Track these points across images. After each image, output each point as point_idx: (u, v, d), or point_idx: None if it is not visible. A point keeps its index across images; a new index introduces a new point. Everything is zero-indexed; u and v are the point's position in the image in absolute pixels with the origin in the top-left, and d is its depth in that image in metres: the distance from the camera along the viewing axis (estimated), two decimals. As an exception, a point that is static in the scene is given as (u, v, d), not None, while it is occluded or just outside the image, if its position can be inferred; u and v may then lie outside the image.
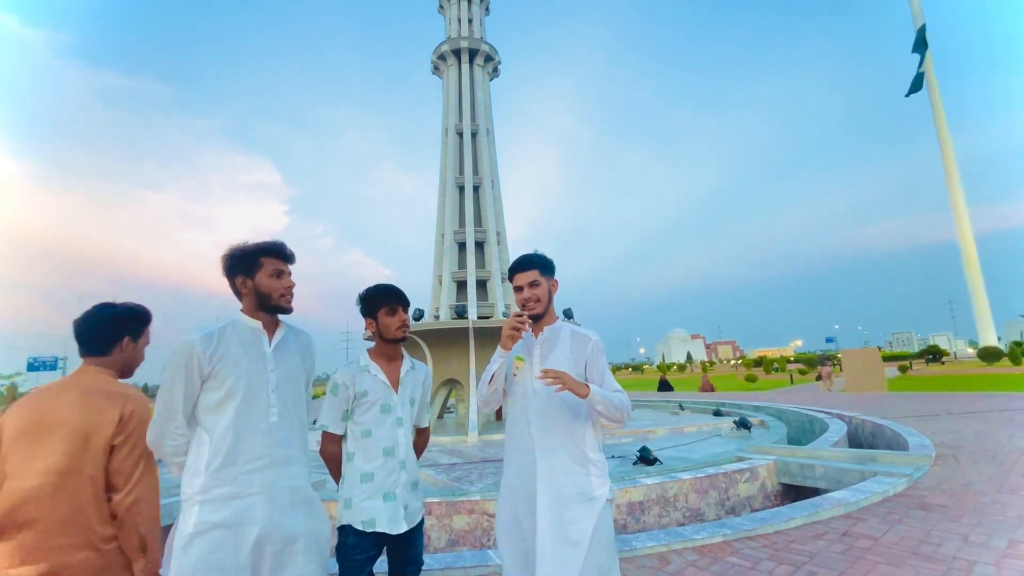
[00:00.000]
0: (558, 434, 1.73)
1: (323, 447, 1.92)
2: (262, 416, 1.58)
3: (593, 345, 1.80)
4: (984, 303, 39.48)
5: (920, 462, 5.13)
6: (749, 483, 5.46)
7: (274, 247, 1.71)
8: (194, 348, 1.53)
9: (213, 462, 1.50)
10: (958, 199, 41.31)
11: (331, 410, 1.89)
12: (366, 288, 2.01)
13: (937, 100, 42.51)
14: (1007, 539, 3.10)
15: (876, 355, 17.91)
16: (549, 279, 1.87)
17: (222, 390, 1.55)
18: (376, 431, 1.85)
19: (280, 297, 1.69)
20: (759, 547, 3.24)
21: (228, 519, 1.47)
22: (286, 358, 1.71)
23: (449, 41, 17.79)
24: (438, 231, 16.57)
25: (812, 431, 9.21)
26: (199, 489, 1.49)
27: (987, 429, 7.17)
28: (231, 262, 1.68)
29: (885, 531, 3.36)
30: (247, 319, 1.68)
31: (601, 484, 1.71)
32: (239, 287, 1.68)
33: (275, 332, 1.72)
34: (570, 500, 1.66)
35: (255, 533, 1.49)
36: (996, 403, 10.36)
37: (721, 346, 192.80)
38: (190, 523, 1.46)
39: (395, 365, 1.99)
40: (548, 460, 1.71)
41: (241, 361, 1.59)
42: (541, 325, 1.87)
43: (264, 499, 1.53)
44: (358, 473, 1.82)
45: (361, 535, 1.76)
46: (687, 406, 13.76)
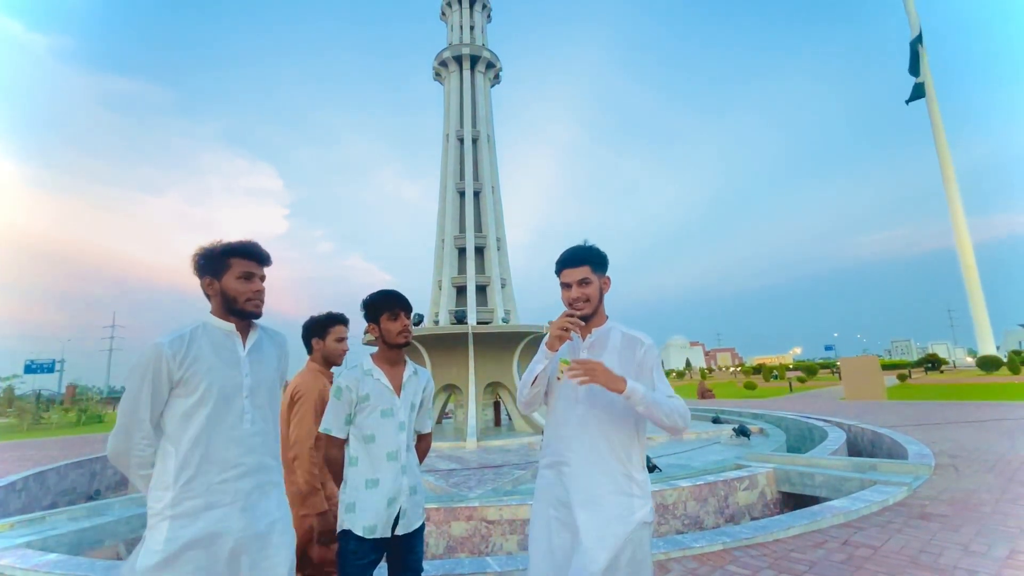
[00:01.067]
0: (601, 448, 1.60)
1: (326, 451, 1.92)
2: (235, 423, 1.51)
3: (646, 349, 1.65)
4: (983, 312, 39.52)
5: (920, 471, 5.12)
6: (748, 491, 5.44)
7: (244, 247, 1.60)
8: (162, 352, 1.43)
9: (183, 473, 1.42)
10: (957, 208, 41.48)
11: (333, 414, 1.88)
12: (370, 294, 2.01)
13: (935, 110, 42.81)
14: (1008, 549, 3.09)
15: (875, 363, 17.88)
16: (601, 276, 1.71)
17: (193, 397, 1.46)
18: (378, 435, 1.85)
19: (247, 301, 1.58)
20: (758, 555, 3.23)
21: (200, 534, 1.39)
22: (260, 360, 1.63)
23: (451, 48, 17.93)
24: (438, 236, 16.61)
25: (811, 439, 9.19)
26: (168, 503, 1.39)
27: (987, 438, 7.16)
28: (200, 262, 1.58)
29: (885, 540, 3.35)
30: (218, 321, 1.59)
31: (643, 505, 1.57)
32: (206, 289, 1.59)
33: (248, 334, 1.64)
34: (610, 520, 1.53)
35: (229, 546, 1.43)
36: (995, 412, 10.35)
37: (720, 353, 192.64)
38: (159, 541, 1.37)
39: (398, 370, 1.99)
40: (585, 476, 1.58)
41: (214, 366, 1.51)
42: (590, 327, 1.73)
43: (238, 509, 1.46)
44: (363, 479, 1.81)
45: (362, 541, 1.76)
46: (686, 413, 13.69)
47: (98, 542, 4.75)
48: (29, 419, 21.23)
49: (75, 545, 4.44)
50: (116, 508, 5.48)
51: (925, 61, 42.98)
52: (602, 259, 1.71)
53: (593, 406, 1.62)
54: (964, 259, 40.70)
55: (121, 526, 4.96)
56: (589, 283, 1.66)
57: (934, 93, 43.02)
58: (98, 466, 9.87)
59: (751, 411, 13.10)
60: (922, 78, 42.63)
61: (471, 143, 17.01)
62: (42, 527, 4.64)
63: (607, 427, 1.61)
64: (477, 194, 16.93)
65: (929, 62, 43.34)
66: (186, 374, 1.47)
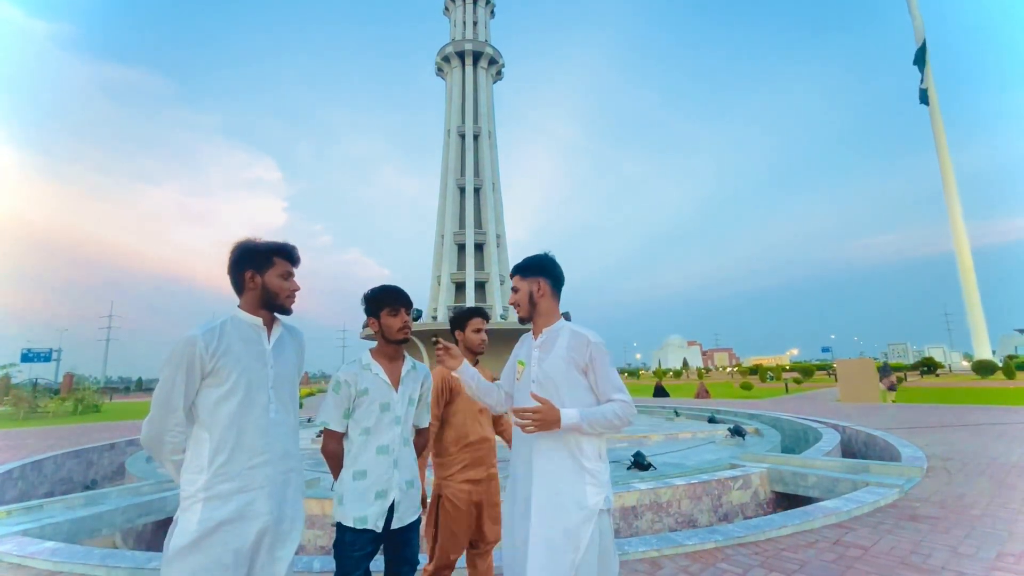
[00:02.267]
0: (556, 443, 1.70)
1: (324, 445, 1.94)
2: (262, 412, 1.60)
3: (593, 347, 1.73)
4: (979, 316, 39.70)
5: (912, 473, 5.17)
6: (742, 490, 5.48)
7: (288, 248, 1.72)
8: (196, 344, 1.51)
9: (217, 458, 1.51)
10: (956, 212, 41.59)
11: (333, 408, 1.91)
12: (371, 288, 2.04)
13: (937, 115, 42.85)
14: (996, 551, 3.13)
15: (871, 366, 17.96)
16: (531, 280, 1.84)
17: (224, 387, 1.54)
18: (374, 429, 1.88)
19: (286, 298, 1.70)
20: (750, 554, 3.26)
21: (231, 514, 1.48)
22: (283, 355, 1.73)
23: (453, 43, 17.85)
24: (438, 232, 16.60)
25: (806, 440, 9.24)
26: (202, 486, 1.48)
27: (980, 442, 7.22)
28: (243, 255, 1.67)
29: (875, 541, 3.39)
30: (247, 315, 1.67)
31: (596, 493, 1.66)
32: (246, 281, 1.66)
33: (273, 329, 1.73)
34: (565, 508, 1.63)
35: (257, 527, 1.52)
36: (989, 416, 10.42)
37: (717, 353, 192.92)
38: (192, 521, 1.45)
39: (396, 365, 2.02)
40: (544, 467, 1.69)
41: (243, 358, 1.59)
42: (539, 326, 1.84)
43: (266, 494, 1.55)
44: (351, 471, 1.85)
45: (357, 532, 1.78)
46: (682, 412, 13.76)
47: (95, 531, 4.78)
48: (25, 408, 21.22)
49: (72, 534, 4.47)
50: (113, 497, 5.50)
51: (929, 69, 42.97)
52: (531, 266, 1.86)
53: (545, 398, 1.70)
54: (962, 263, 40.84)
55: (118, 516, 4.98)
56: (517, 290, 1.87)
57: (936, 98, 43.06)
58: (95, 456, 9.90)
59: (747, 411, 13.16)
60: (926, 83, 42.66)
61: (472, 139, 16.99)
62: (39, 515, 4.67)
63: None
64: (477, 190, 16.93)
65: (932, 67, 43.32)
66: (217, 365, 1.55)
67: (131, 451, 10.52)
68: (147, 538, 5.86)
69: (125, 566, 3.23)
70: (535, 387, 1.76)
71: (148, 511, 5.30)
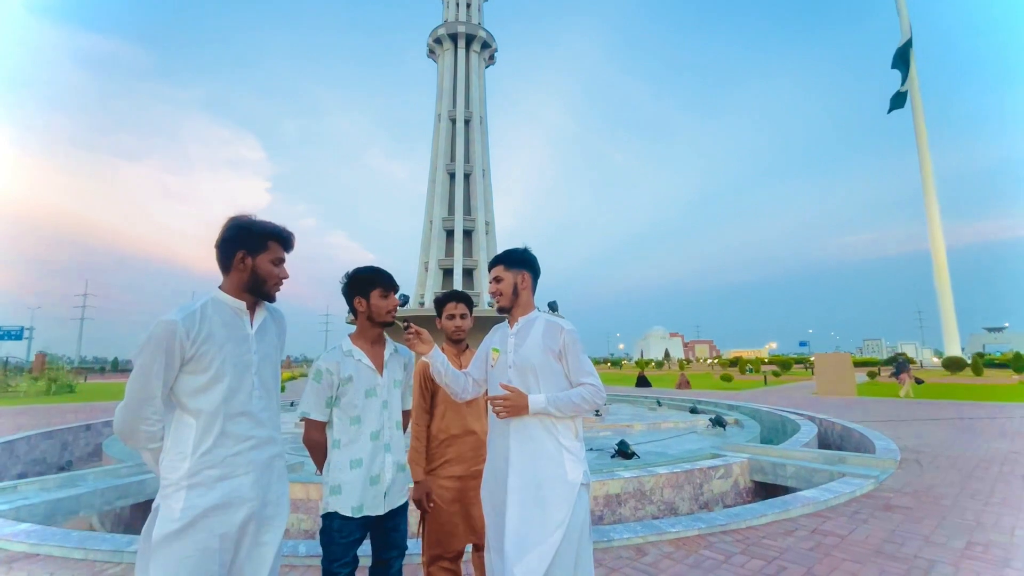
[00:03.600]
0: (533, 423, 1.75)
1: (306, 434, 1.90)
2: (247, 398, 1.54)
3: (566, 335, 1.82)
4: (951, 315, 41.00)
5: (886, 465, 5.33)
6: (723, 479, 5.60)
7: (284, 233, 1.65)
8: (176, 330, 1.43)
9: (202, 444, 1.45)
10: (934, 213, 42.63)
11: (314, 397, 1.86)
12: (360, 267, 1.98)
13: (920, 116, 43.60)
14: (965, 540, 3.26)
15: (848, 361, 18.45)
16: (516, 272, 1.90)
17: (207, 374, 1.48)
18: (364, 416, 1.85)
19: (273, 286, 1.63)
20: (732, 542, 3.34)
21: (217, 501, 1.44)
22: (265, 338, 1.66)
23: (446, 25, 17.47)
24: (426, 217, 16.42)
25: (784, 431, 9.47)
26: (186, 473, 1.43)
27: (949, 436, 7.49)
28: (236, 233, 1.57)
29: (852, 530, 3.50)
30: (229, 298, 1.59)
31: (575, 468, 1.73)
32: (235, 262, 1.57)
33: (256, 313, 1.66)
34: (542, 483, 1.68)
35: (243, 513, 1.48)
36: (958, 411, 10.81)
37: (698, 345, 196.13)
38: (176, 509, 1.40)
39: (378, 349, 1.99)
40: (521, 447, 1.74)
41: (225, 344, 1.52)
42: (516, 316, 1.92)
43: (252, 479, 1.51)
44: (348, 459, 1.81)
45: (347, 520, 1.77)
46: (664, 402, 14.00)
47: (72, 513, 4.68)
48: (-4, 386, 20.62)
49: (48, 516, 4.37)
50: (90, 479, 5.39)
51: (913, 67, 43.59)
52: (515, 258, 1.93)
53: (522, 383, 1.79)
54: (937, 263, 42.02)
55: (96, 498, 4.89)
56: (501, 280, 1.90)
57: (920, 99, 43.78)
58: (70, 436, 9.68)
59: (727, 402, 13.43)
60: (905, 87, 43.27)
61: (463, 124, 16.75)
62: (13, 497, 4.55)
63: None
64: (468, 176, 16.74)
65: (917, 68, 43.97)
66: (199, 351, 1.47)
67: (108, 432, 10.32)
68: (125, 520, 5.77)
69: (104, 549, 3.17)
70: (512, 372, 1.81)
71: (126, 494, 5.20)
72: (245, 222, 1.60)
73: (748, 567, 2.93)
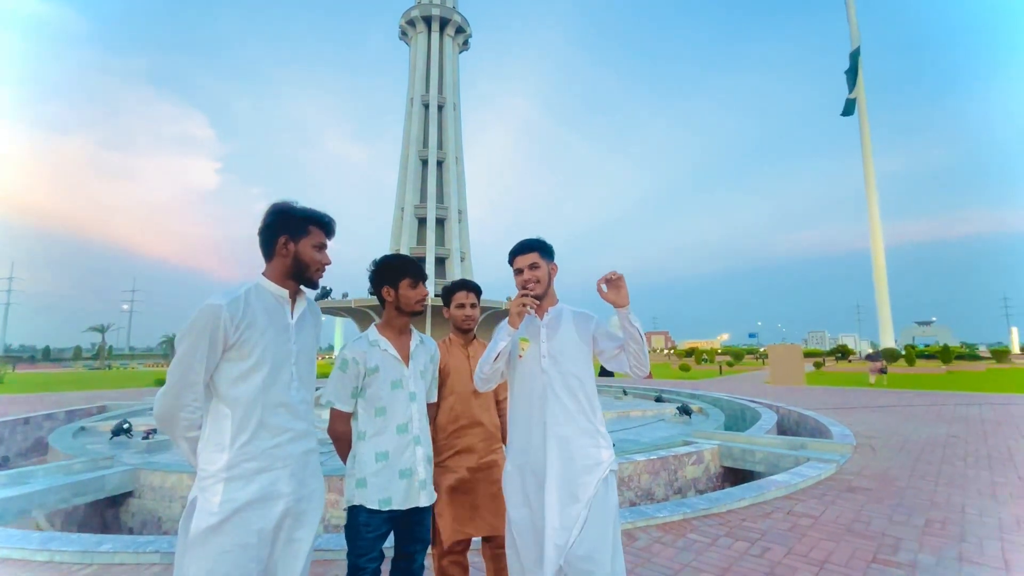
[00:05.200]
0: (571, 410, 1.76)
1: (331, 425, 1.84)
2: (285, 389, 1.50)
3: (596, 322, 1.88)
4: (887, 309, 44.07)
5: (844, 450, 5.70)
6: (696, 465, 5.84)
7: (326, 219, 1.61)
8: (221, 314, 1.39)
9: (240, 436, 1.41)
10: (875, 213, 45.46)
11: (339, 387, 1.81)
12: (389, 255, 1.92)
13: (865, 122, 46.17)
14: (924, 518, 3.54)
15: (798, 352, 19.56)
16: (549, 262, 1.90)
17: (249, 360, 1.44)
18: (389, 408, 1.80)
19: (316, 271, 1.60)
20: (716, 524, 3.49)
21: (255, 495, 1.39)
22: (304, 329, 1.62)
23: (420, 7, 16.98)
24: (397, 205, 16.04)
25: (744, 419, 9.96)
26: (224, 465, 1.38)
27: (894, 422, 8.08)
28: (278, 219, 1.54)
29: (823, 511, 3.73)
30: (272, 285, 1.55)
31: (608, 455, 1.76)
32: (278, 247, 1.54)
33: (296, 302, 1.62)
34: (579, 470, 1.70)
35: (280, 508, 1.44)
36: (896, 399, 11.70)
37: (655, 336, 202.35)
38: (214, 503, 1.35)
39: (404, 339, 1.94)
40: (559, 434, 1.74)
41: (267, 331, 1.48)
42: (544, 307, 1.91)
43: (288, 473, 1.47)
44: (372, 452, 1.76)
45: (373, 513, 1.72)
46: (630, 391, 14.42)
47: (23, 512, 4.35)
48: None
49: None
50: (40, 476, 5.02)
51: (861, 75, 46.05)
52: (548, 248, 1.93)
53: (559, 372, 1.79)
54: (876, 260, 44.94)
55: (50, 496, 4.56)
56: (538, 267, 1.85)
57: (865, 105, 46.35)
58: (6, 431, 8.97)
59: (688, 391, 13.98)
60: (855, 94, 45.69)
61: (436, 110, 16.40)
62: (-47, 497, 4.18)
63: (574, 386, 1.79)
64: (440, 163, 16.45)
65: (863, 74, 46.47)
66: (241, 338, 1.42)
67: (48, 426, 9.63)
68: (79, 519, 5.42)
69: (71, 550, 2.96)
70: (546, 361, 1.81)
71: (83, 491, 4.88)
72: (286, 207, 1.56)
73: (735, 548, 3.07)
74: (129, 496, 5.30)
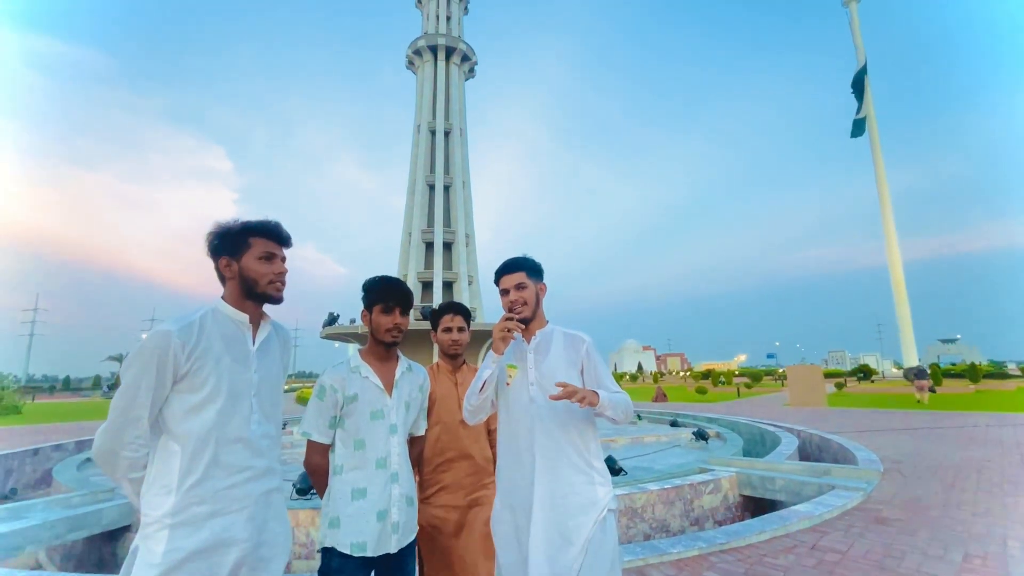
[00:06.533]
0: (561, 443, 1.63)
1: (308, 457, 1.72)
2: (243, 423, 1.37)
3: (587, 347, 1.73)
4: (909, 327, 42.87)
5: (870, 476, 5.38)
6: (713, 495, 5.55)
7: (264, 225, 1.47)
8: (171, 341, 1.28)
9: (189, 477, 1.27)
10: (891, 230, 44.75)
11: (316, 416, 1.69)
12: (370, 278, 1.83)
13: (876, 140, 45.95)
14: (962, 553, 3.26)
15: (819, 372, 18.94)
16: (536, 282, 1.79)
17: (201, 392, 1.31)
18: (368, 440, 1.68)
19: (268, 284, 1.46)
20: (734, 560, 3.25)
21: (204, 543, 1.25)
22: (268, 356, 1.51)
23: (426, 37, 17.48)
24: (405, 230, 16.17)
25: (763, 443, 9.56)
26: (170, 510, 1.25)
27: (923, 445, 7.67)
28: (216, 240, 1.45)
29: (850, 545, 3.46)
30: (230, 309, 1.45)
31: (605, 493, 1.61)
32: (223, 270, 1.45)
33: (260, 327, 1.50)
34: (572, 509, 1.56)
35: (234, 556, 1.29)
36: (924, 421, 11.17)
37: (671, 358, 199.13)
38: (157, 552, 1.21)
39: (389, 366, 1.81)
40: (549, 470, 1.60)
41: (223, 359, 1.36)
42: (532, 329, 1.79)
43: (245, 517, 1.33)
44: (349, 488, 1.63)
45: (347, 558, 1.58)
46: (644, 416, 14.01)
47: (17, 548, 4.24)
48: (-69, 408, 19.03)
49: (-12, 553, 3.95)
50: (39, 510, 4.92)
51: (868, 92, 46.05)
52: (536, 267, 1.80)
53: (547, 401, 1.65)
54: (895, 277, 43.98)
55: (45, 531, 4.45)
56: (525, 287, 1.74)
57: (875, 123, 46.18)
58: (15, 462, 8.95)
59: (705, 415, 13.53)
60: (864, 112, 45.58)
61: (443, 136, 16.67)
62: (-52, 533, 4.10)
63: (564, 420, 1.66)
64: (447, 188, 16.62)
65: (872, 89, 46.44)
66: (193, 367, 1.31)
67: (58, 457, 9.60)
68: (78, 555, 5.29)
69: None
70: (534, 389, 1.69)
71: (80, 525, 4.77)
72: (220, 227, 1.46)
73: (755, 588, 2.84)
74: (126, 530, 5.18)
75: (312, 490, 5.40)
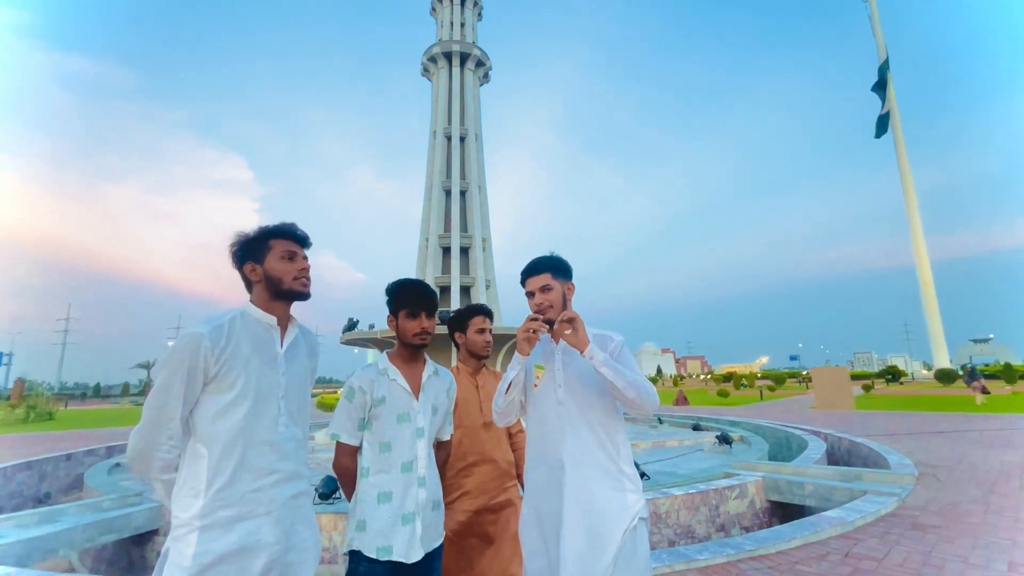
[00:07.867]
0: (591, 446, 1.59)
1: (336, 460, 1.72)
2: (271, 425, 1.38)
3: (616, 344, 1.69)
4: (938, 327, 41.51)
5: (904, 481, 5.19)
6: (739, 500, 5.41)
7: (282, 228, 1.52)
8: (202, 343, 1.30)
9: (217, 479, 1.28)
10: (917, 228, 43.49)
11: (345, 418, 1.69)
12: (394, 282, 1.83)
13: (899, 136, 44.78)
14: (1006, 561, 3.10)
15: (845, 374, 18.44)
16: (563, 282, 1.75)
17: (230, 394, 1.33)
18: (395, 443, 1.67)
19: (294, 280, 1.49)
20: (764, 568, 3.15)
21: (233, 546, 1.26)
22: (296, 359, 1.52)
23: (440, 44, 17.68)
24: (422, 235, 16.30)
25: (790, 447, 9.32)
26: (199, 512, 1.26)
27: (957, 449, 7.38)
28: (238, 250, 1.50)
29: (886, 552, 3.33)
30: (259, 312, 1.48)
31: (636, 500, 1.57)
32: (249, 275, 1.50)
33: (287, 329, 1.53)
34: (602, 516, 1.51)
35: (263, 560, 1.29)
36: (956, 423, 10.76)
37: (690, 361, 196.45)
38: (187, 555, 1.22)
39: (416, 369, 1.81)
40: (578, 475, 1.56)
41: (252, 361, 1.38)
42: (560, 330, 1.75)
43: (272, 520, 1.33)
44: (375, 492, 1.62)
45: (374, 563, 1.57)
46: (665, 420, 13.80)
47: (50, 552, 4.35)
48: (-29, 415, 19.81)
49: (24, 556, 4.05)
50: (71, 514, 5.05)
51: (891, 87, 44.94)
52: (563, 266, 1.77)
53: (576, 403, 1.63)
54: (922, 276, 42.68)
55: (77, 534, 4.57)
56: (550, 289, 1.71)
57: (899, 119, 45.02)
58: (49, 467, 9.22)
59: (728, 418, 13.26)
60: (887, 107, 44.46)
61: (459, 141, 16.80)
62: (-14, 535, 4.23)
63: (593, 421, 1.62)
64: (463, 193, 16.71)
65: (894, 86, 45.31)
66: (223, 369, 1.32)
67: (90, 462, 9.87)
68: (108, 557, 5.41)
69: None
70: (562, 391, 1.67)
71: (111, 528, 4.88)
72: (241, 236, 1.51)
73: (787, 597, 2.75)
74: (155, 534, 5.28)
75: (335, 495, 5.43)
